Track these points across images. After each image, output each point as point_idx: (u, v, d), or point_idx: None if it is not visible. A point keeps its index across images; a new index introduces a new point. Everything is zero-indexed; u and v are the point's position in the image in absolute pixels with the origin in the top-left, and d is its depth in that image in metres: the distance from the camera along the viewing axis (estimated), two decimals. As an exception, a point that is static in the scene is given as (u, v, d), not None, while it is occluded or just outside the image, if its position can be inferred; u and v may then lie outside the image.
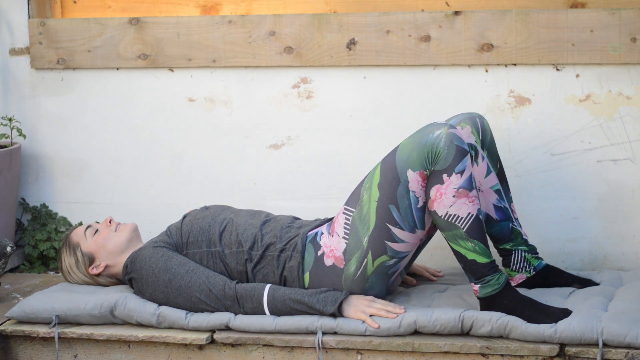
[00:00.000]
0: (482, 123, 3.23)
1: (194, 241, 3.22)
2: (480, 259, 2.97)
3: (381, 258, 3.02)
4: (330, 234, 3.09)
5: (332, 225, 3.10)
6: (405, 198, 2.97)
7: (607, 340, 2.83)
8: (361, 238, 3.02)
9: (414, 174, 2.95)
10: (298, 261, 3.09)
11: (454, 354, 2.93)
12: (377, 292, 3.09)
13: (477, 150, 3.18)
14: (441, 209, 2.95)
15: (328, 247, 3.08)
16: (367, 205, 3.01)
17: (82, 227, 3.36)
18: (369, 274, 3.04)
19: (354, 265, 3.04)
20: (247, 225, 3.20)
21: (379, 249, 3.01)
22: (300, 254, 3.09)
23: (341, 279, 3.06)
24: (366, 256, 3.02)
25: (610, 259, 3.57)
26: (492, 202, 3.21)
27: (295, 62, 3.69)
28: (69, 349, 3.17)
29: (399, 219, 2.98)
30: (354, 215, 3.04)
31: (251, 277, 3.16)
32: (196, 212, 3.32)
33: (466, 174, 2.94)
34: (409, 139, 2.99)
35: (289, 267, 3.10)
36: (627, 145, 3.51)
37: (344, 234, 3.05)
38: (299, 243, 3.11)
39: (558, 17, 3.48)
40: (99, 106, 3.90)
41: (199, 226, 3.24)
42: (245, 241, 3.16)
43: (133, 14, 3.90)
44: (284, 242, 3.14)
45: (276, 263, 3.12)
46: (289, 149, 3.77)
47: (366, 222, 3.01)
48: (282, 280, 3.12)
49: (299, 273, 3.09)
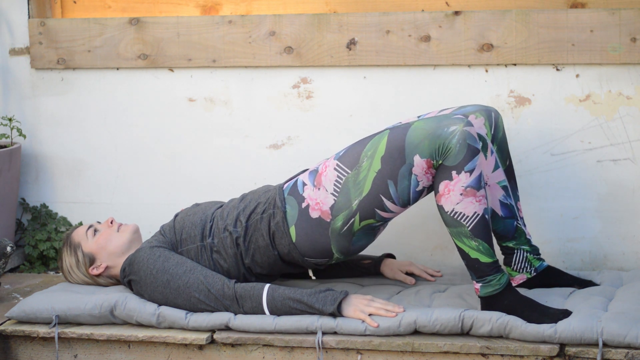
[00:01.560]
0: (496, 118, 3.24)
1: (187, 237, 3.23)
2: (484, 258, 2.97)
3: (368, 220, 3.05)
4: (315, 186, 3.09)
5: (319, 177, 3.09)
6: (406, 179, 2.98)
7: (607, 340, 2.83)
8: (351, 200, 3.03)
9: (421, 160, 2.95)
10: (281, 216, 3.10)
11: (454, 354, 2.93)
12: (364, 243, 3.12)
13: (486, 143, 3.18)
14: (448, 205, 2.95)
15: (313, 199, 3.08)
16: (365, 172, 3.01)
17: (83, 227, 3.36)
18: (355, 231, 3.07)
19: (340, 221, 3.05)
20: (229, 209, 3.22)
21: (367, 214, 3.04)
22: (282, 209, 3.10)
23: (328, 231, 3.07)
24: (354, 217, 3.04)
25: (610, 259, 3.57)
26: (498, 197, 3.21)
27: (295, 62, 3.69)
28: (69, 349, 3.17)
29: (394, 194, 2.99)
30: (349, 177, 3.04)
31: (244, 253, 3.15)
32: (187, 210, 3.34)
33: (475, 173, 2.94)
34: (424, 123, 2.98)
35: (274, 224, 3.11)
36: (627, 145, 3.51)
37: (333, 190, 3.06)
38: (277, 198, 3.13)
39: (558, 17, 3.48)
40: (99, 106, 3.90)
41: (191, 222, 3.25)
42: (229, 224, 3.17)
43: (133, 14, 3.91)
44: (263, 203, 3.15)
45: (262, 226, 3.13)
46: (289, 149, 3.77)
47: (360, 187, 3.02)
48: (271, 238, 3.12)
49: (284, 228, 3.10)
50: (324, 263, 3.17)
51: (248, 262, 3.17)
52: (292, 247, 3.11)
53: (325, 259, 3.13)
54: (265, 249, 3.15)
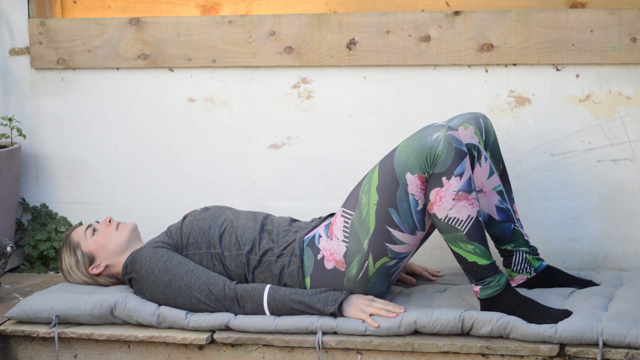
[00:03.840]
0: (485, 123, 3.23)
1: (194, 242, 3.22)
2: (481, 260, 2.97)
3: (382, 260, 3.02)
4: (329, 237, 3.08)
5: (330, 228, 3.09)
6: (405, 201, 2.97)
7: (607, 340, 2.83)
8: (361, 241, 3.02)
9: (413, 177, 2.94)
10: (297, 266, 3.09)
11: (454, 354, 2.93)
12: (379, 291, 3.09)
13: (479, 151, 3.17)
14: (441, 212, 2.95)
15: (328, 250, 3.07)
16: (366, 208, 3.00)
17: (82, 227, 3.36)
18: (371, 275, 3.04)
19: (355, 267, 3.03)
20: (247, 228, 3.20)
21: (379, 251, 3.01)
22: (299, 259, 3.09)
23: (343, 281, 3.06)
24: (367, 259, 3.02)
25: (610, 259, 3.57)
26: (494, 203, 3.21)
27: (295, 62, 3.69)
28: (69, 349, 3.17)
29: (399, 221, 2.98)
30: (353, 219, 3.03)
31: (250, 280, 3.16)
32: (196, 213, 3.32)
33: (465, 176, 2.93)
34: (407, 141, 2.98)
35: (288, 272, 3.10)
36: (627, 145, 3.51)
37: (343, 237, 3.05)
38: (297, 248, 3.11)
39: (558, 17, 3.48)
40: (99, 106, 3.90)
41: (199, 227, 3.24)
42: (244, 244, 3.16)
43: (133, 14, 3.90)
44: (281, 247, 3.13)
45: (273, 268, 3.12)
46: (289, 149, 3.77)
47: (366, 225, 3.01)
48: (281, 285, 3.12)
49: (299, 277, 3.08)
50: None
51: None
52: None
53: None
54: None
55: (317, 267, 3.08)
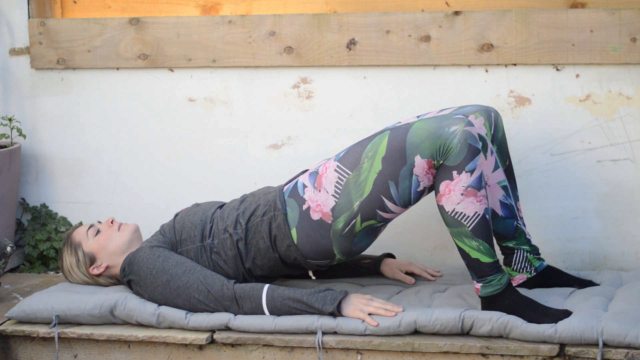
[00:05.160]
0: (495, 118, 3.24)
1: (187, 237, 3.23)
2: (484, 258, 2.97)
3: (369, 221, 3.05)
4: (316, 188, 3.09)
5: (319, 179, 3.09)
6: (407, 179, 2.98)
7: (607, 340, 2.83)
8: (352, 201, 3.03)
9: (422, 160, 2.95)
10: (282, 218, 3.10)
11: (454, 354, 2.93)
12: (365, 244, 3.12)
13: (486, 143, 3.17)
14: (448, 205, 2.95)
15: (314, 201, 3.08)
16: (366, 173, 3.01)
17: (84, 227, 3.36)
18: (357, 232, 3.07)
19: (342, 223, 3.05)
20: (230, 211, 3.21)
21: (368, 215, 3.04)
22: (282, 211, 3.10)
23: (329, 233, 3.07)
24: (355, 218, 3.04)
25: (610, 259, 3.57)
26: (498, 198, 3.21)
27: (295, 62, 3.69)
28: (69, 349, 3.17)
29: (395, 195, 2.99)
30: (349, 178, 3.04)
31: (245, 255, 3.15)
32: (187, 209, 3.33)
33: (476, 173, 2.94)
34: (425, 124, 2.98)
35: (275, 226, 3.11)
36: (627, 145, 3.51)
37: (334, 192, 3.06)
38: (278, 200, 3.12)
39: (558, 17, 3.48)
40: (99, 106, 3.90)
41: (191, 222, 3.25)
42: (229, 225, 3.17)
43: (133, 14, 3.91)
44: (263, 205, 3.15)
45: (262, 228, 3.13)
46: (289, 149, 3.77)
47: (361, 188, 3.02)
48: (272, 241, 3.12)
49: (285, 230, 3.10)
50: (325, 264, 3.17)
51: (249, 265, 3.17)
52: (294, 249, 3.11)
53: (327, 260, 3.14)
54: (265, 251, 3.14)
55: (302, 218, 3.09)
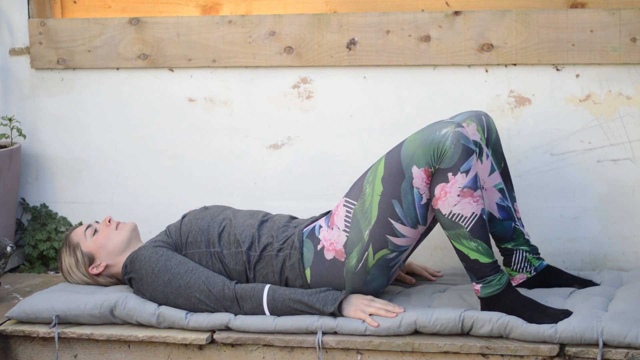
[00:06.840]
0: (487, 121, 3.23)
1: (193, 241, 3.22)
2: (483, 259, 2.97)
3: (382, 252, 3.02)
4: (329, 227, 3.08)
5: (332, 218, 3.09)
6: (409, 194, 2.97)
7: (607, 340, 2.83)
8: (362, 231, 3.02)
9: (419, 170, 2.95)
10: (297, 258, 3.09)
11: (454, 354, 2.93)
12: (379, 284, 3.09)
13: (481, 148, 3.18)
14: (445, 208, 2.95)
15: (328, 240, 3.07)
16: (369, 198, 3.01)
17: (82, 227, 3.36)
18: (370, 267, 3.04)
19: (354, 258, 3.03)
20: (245, 226, 3.20)
21: (380, 243, 3.01)
22: (299, 251, 3.09)
23: (342, 272, 3.06)
24: (367, 249, 3.02)
25: (610, 259, 3.57)
26: (495, 200, 3.21)
27: (295, 62, 3.69)
28: (69, 349, 3.17)
29: (402, 214, 2.98)
30: (356, 208, 3.03)
31: (251, 278, 3.16)
32: (195, 212, 3.32)
33: (471, 174, 2.94)
34: (416, 135, 2.99)
35: (289, 265, 3.10)
36: (627, 145, 3.51)
37: (344, 227, 3.05)
38: (296, 240, 3.11)
39: (558, 17, 3.48)
40: (99, 106, 3.90)
41: (198, 226, 3.24)
42: (243, 241, 3.16)
43: (133, 14, 3.91)
44: (280, 241, 3.13)
45: (275, 262, 3.12)
46: (289, 149, 3.77)
47: (368, 215, 3.01)
48: (282, 279, 3.12)
49: (299, 270, 3.09)
50: None
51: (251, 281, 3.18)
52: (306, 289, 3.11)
53: None
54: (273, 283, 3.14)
55: (317, 258, 3.08)
